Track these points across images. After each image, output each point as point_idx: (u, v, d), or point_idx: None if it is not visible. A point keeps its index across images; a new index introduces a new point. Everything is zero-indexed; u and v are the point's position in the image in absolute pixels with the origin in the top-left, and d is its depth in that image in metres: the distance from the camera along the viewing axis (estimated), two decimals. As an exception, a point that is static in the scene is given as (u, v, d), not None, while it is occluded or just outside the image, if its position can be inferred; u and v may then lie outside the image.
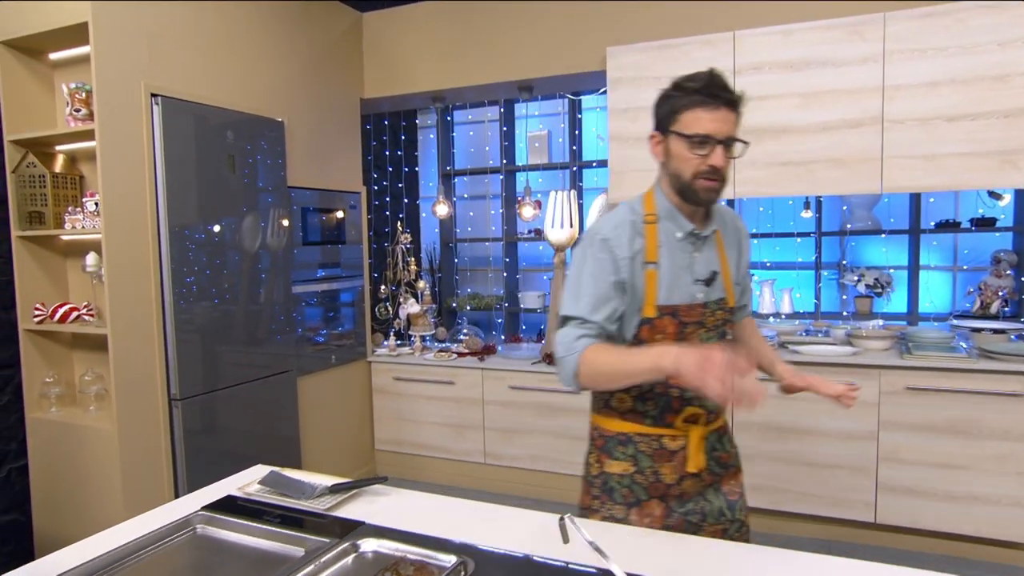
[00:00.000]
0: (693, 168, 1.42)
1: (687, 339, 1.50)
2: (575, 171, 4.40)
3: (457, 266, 4.93)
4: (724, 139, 1.39)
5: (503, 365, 3.75)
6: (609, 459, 1.55)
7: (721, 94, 1.39)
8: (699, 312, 1.51)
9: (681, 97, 1.41)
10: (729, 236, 1.60)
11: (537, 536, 1.31)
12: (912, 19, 2.90)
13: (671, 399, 1.50)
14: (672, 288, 1.49)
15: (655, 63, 3.27)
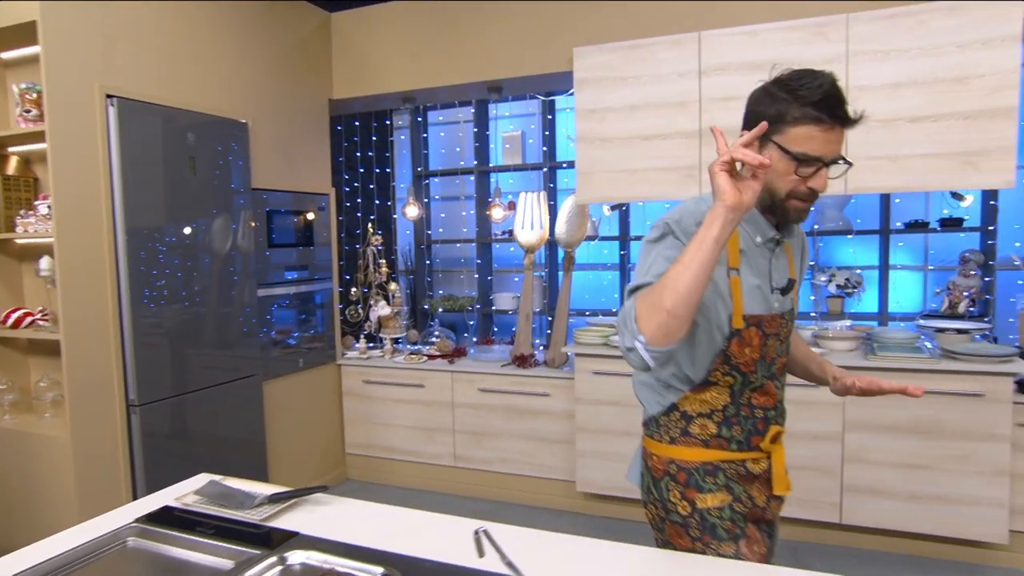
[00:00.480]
0: (790, 187, 1.28)
1: (768, 354, 1.39)
2: (548, 172, 4.38)
3: (431, 267, 4.89)
4: (832, 160, 1.26)
5: (473, 367, 3.72)
6: (699, 493, 1.38)
7: (840, 112, 1.23)
8: (778, 323, 1.39)
9: (793, 105, 1.24)
10: (795, 242, 1.49)
11: (473, 546, 1.29)
12: (875, 20, 2.90)
13: (756, 421, 1.40)
14: (753, 297, 1.36)
15: (622, 63, 3.26)
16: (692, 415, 1.40)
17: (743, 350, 1.35)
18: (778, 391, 1.44)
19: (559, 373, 3.52)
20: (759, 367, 1.38)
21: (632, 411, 3.28)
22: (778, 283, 1.39)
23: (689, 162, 3.19)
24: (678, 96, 3.18)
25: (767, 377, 1.40)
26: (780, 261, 1.41)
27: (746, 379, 1.38)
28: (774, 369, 1.42)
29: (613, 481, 3.35)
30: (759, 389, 1.40)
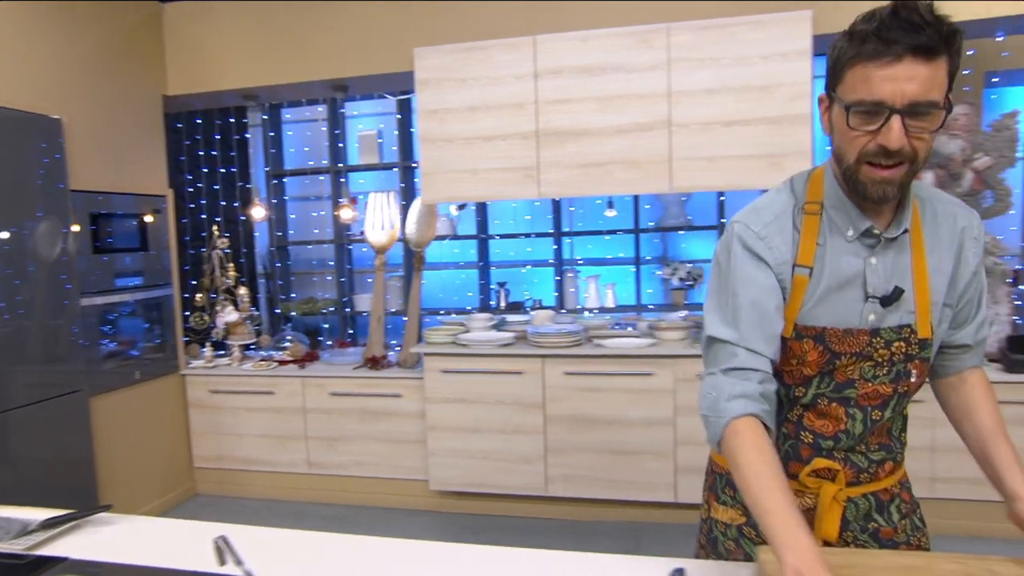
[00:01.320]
0: (858, 148, 1.01)
1: (839, 372, 1.13)
2: (404, 171, 4.36)
3: (289, 270, 4.74)
4: (905, 107, 0.95)
5: (324, 372, 3.64)
6: (716, 502, 1.27)
7: (903, 37, 0.93)
8: (863, 340, 1.11)
9: (849, 45, 0.99)
10: (942, 234, 1.14)
11: (246, 556, 1.26)
12: (692, 31, 3.10)
13: (801, 445, 1.18)
14: (826, 303, 1.11)
15: (461, 65, 3.30)
16: None
17: (790, 361, 1.14)
18: (851, 420, 1.14)
19: (411, 373, 3.52)
20: (814, 384, 1.15)
21: (480, 407, 3.34)
22: (877, 290, 1.10)
23: (528, 162, 3.28)
24: (516, 98, 3.26)
25: (832, 400, 1.14)
26: (887, 260, 1.11)
27: (790, 392, 1.17)
28: (851, 394, 1.13)
29: (466, 478, 3.39)
30: (814, 409, 1.16)
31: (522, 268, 4.47)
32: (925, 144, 0.99)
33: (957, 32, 0.96)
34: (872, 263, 1.11)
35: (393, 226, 3.74)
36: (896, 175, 1.01)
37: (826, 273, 1.11)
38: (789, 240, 1.13)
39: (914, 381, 1.15)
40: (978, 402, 1.17)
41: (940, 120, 0.98)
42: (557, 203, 4.28)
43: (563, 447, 3.26)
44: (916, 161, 1.00)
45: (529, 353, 3.26)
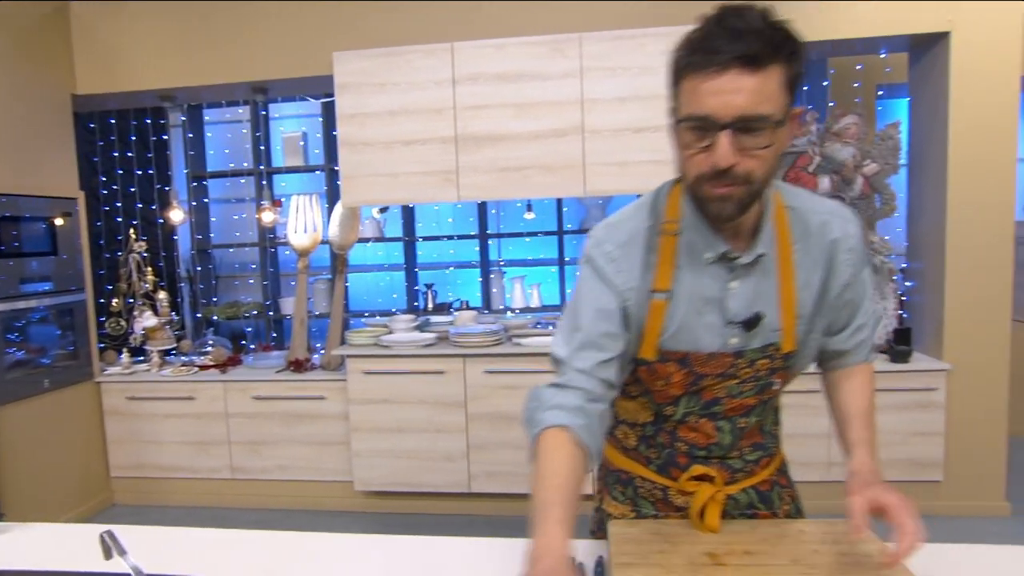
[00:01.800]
0: (695, 168, 0.96)
1: (705, 391, 1.13)
2: (331, 173, 4.36)
3: (215, 273, 4.67)
4: (732, 121, 0.90)
5: (246, 376, 3.62)
6: (608, 496, 1.30)
7: (726, 46, 0.87)
8: (727, 362, 1.10)
9: (681, 55, 0.95)
10: (812, 248, 1.10)
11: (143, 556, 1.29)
12: (603, 41, 3.23)
13: (676, 452, 1.19)
14: (686, 327, 1.09)
15: (379, 70, 3.34)
16: (618, 418, 1.26)
17: (656, 382, 1.13)
18: (720, 433, 1.16)
19: (334, 375, 3.54)
20: (683, 403, 1.15)
21: (403, 408, 3.39)
22: (737, 315, 1.08)
23: (447, 166, 3.35)
24: (435, 103, 3.33)
25: (701, 416, 1.15)
26: (749, 284, 1.08)
27: (660, 409, 1.18)
28: (717, 409, 1.14)
29: (390, 477, 3.44)
30: (685, 424, 1.17)
31: (448, 268, 4.54)
32: (761, 163, 0.93)
33: (791, 38, 0.91)
34: (732, 287, 1.07)
35: (316, 229, 3.75)
36: (734, 192, 0.95)
37: (685, 297, 1.08)
38: (639, 264, 1.09)
39: (777, 388, 1.17)
40: (846, 385, 1.20)
41: (774, 137, 0.92)
42: (483, 206, 4.37)
43: (485, 444, 3.35)
44: (752, 182, 0.94)
45: (450, 353, 3.33)
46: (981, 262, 3.19)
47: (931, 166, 3.34)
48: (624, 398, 1.22)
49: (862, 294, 1.18)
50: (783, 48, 0.90)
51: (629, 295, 1.09)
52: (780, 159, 0.99)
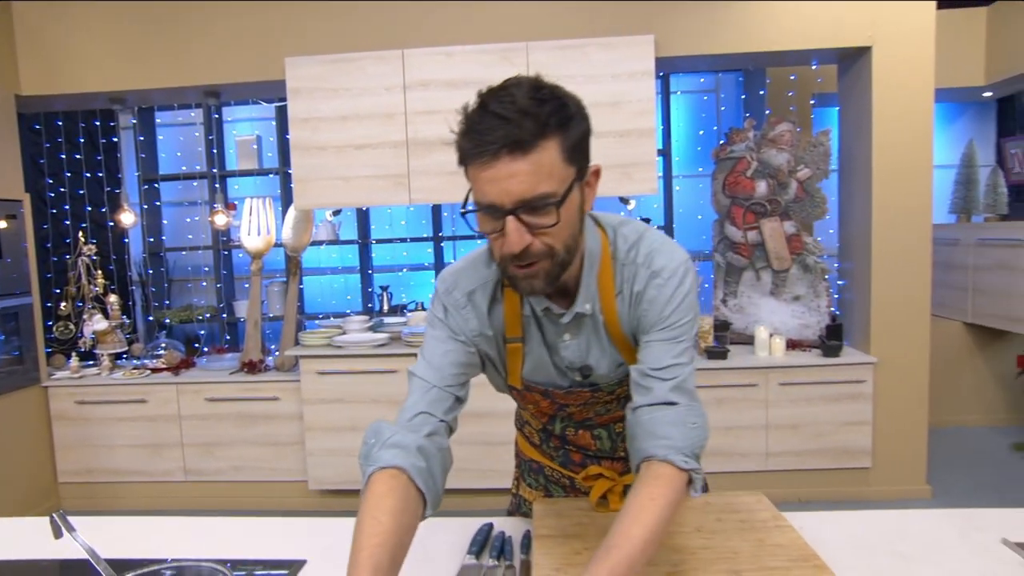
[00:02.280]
0: (498, 251, 0.95)
1: (573, 415, 1.20)
2: (286, 176, 4.38)
3: (167, 277, 4.64)
4: (516, 205, 0.88)
5: (199, 378, 3.63)
6: (523, 483, 1.39)
7: (488, 133, 0.86)
8: (585, 395, 1.15)
9: (459, 140, 0.92)
10: (625, 302, 1.08)
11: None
12: (549, 50, 3.35)
13: (570, 452, 1.27)
14: (541, 367, 1.14)
15: (332, 75, 3.40)
16: (523, 418, 1.35)
17: (527, 405, 1.20)
18: (598, 440, 1.24)
19: (287, 376, 3.57)
20: (558, 422, 1.23)
21: (357, 407, 3.45)
22: (572, 364, 1.12)
23: (399, 170, 3.42)
24: (386, 108, 3.40)
25: (579, 429, 1.23)
26: (584, 336, 1.10)
27: (544, 426, 1.25)
28: (591, 423, 1.22)
29: (344, 475, 3.49)
30: (564, 438, 1.26)
31: (400, 271, 4.61)
32: (557, 235, 0.91)
33: (561, 108, 0.89)
34: (565, 339, 1.09)
35: (269, 231, 3.78)
36: (538, 269, 0.94)
37: (535, 343, 1.11)
38: (485, 312, 1.10)
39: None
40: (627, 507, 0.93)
41: (564, 209, 0.89)
42: (436, 209, 4.45)
43: (437, 441, 3.42)
44: (554, 255, 0.93)
45: (403, 352, 3.41)
46: (903, 262, 3.40)
47: (858, 172, 3.55)
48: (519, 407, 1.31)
49: (684, 330, 1.05)
50: (552, 123, 0.87)
51: (478, 340, 1.10)
52: (580, 225, 0.98)
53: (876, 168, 3.37)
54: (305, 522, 1.42)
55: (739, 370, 3.39)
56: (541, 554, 1.12)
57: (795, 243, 3.72)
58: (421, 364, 1.11)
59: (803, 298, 3.72)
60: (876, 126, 3.35)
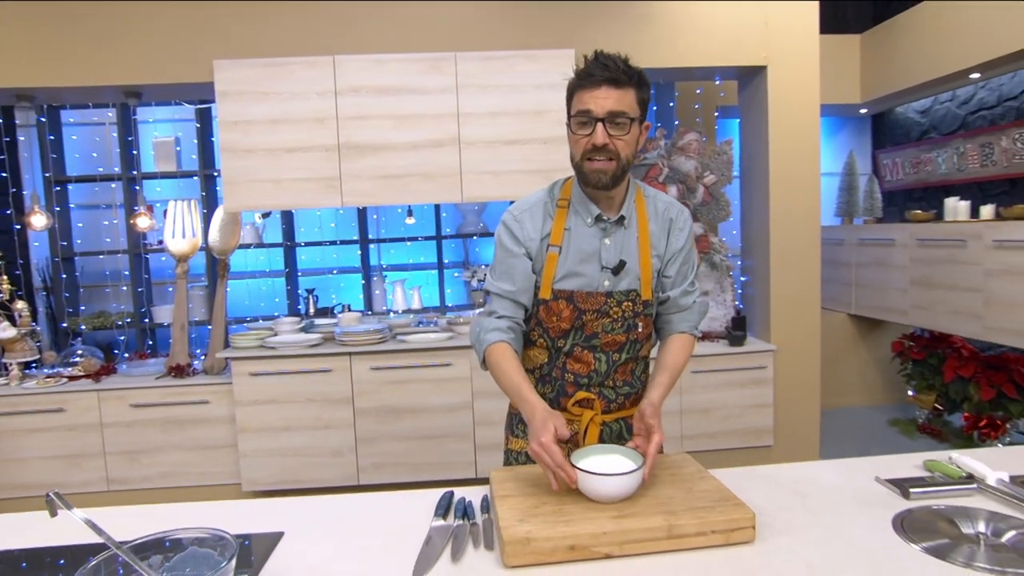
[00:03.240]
0: (580, 148, 1.42)
1: (586, 326, 1.51)
2: (206, 179, 4.32)
3: (75, 282, 4.46)
4: (604, 116, 1.37)
5: (123, 384, 3.54)
6: (512, 436, 1.67)
7: (599, 72, 1.37)
8: (600, 300, 1.50)
9: (573, 81, 1.44)
10: (659, 223, 1.56)
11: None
12: (476, 60, 3.52)
13: (566, 384, 1.56)
14: (573, 273, 1.50)
15: (262, 79, 3.43)
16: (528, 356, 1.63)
17: (551, 318, 1.52)
18: (598, 362, 1.54)
19: (218, 379, 3.55)
20: (571, 336, 1.53)
21: (290, 407, 3.48)
22: (608, 261, 1.50)
23: (330, 173, 3.49)
24: (317, 113, 3.47)
25: (584, 348, 1.53)
26: (617, 241, 1.51)
27: (555, 343, 1.55)
28: (597, 343, 1.53)
29: (279, 476, 3.51)
30: (572, 356, 1.55)
31: (331, 273, 4.64)
32: (625, 145, 1.40)
33: (638, 73, 1.41)
34: (606, 243, 1.51)
35: (195, 234, 3.74)
36: (607, 167, 1.41)
37: (572, 250, 1.50)
38: (539, 224, 1.52)
39: (641, 331, 1.55)
40: (668, 348, 1.59)
41: (631, 130, 1.40)
42: (363, 212, 4.52)
43: (372, 437, 3.51)
44: (619, 158, 1.40)
45: (337, 352, 3.47)
46: (797, 260, 3.79)
47: (757, 178, 3.91)
48: (528, 348, 1.61)
49: (690, 267, 1.63)
50: (634, 79, 1.40)
51: (530, 244, 1.52)
52: (636, 148, 1.46)
53: (773, 175, 3.74)
54: (267, 502, 1.51)
55: (656, 360, 3.67)
56: (505, 509, 1.28)
57: (703, 243, 4.05)
58: (498, 279, 1.56)
59: (711, 293, 4.05)
60: (772, 137, 3.72)
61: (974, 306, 3.75)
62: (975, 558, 1.11)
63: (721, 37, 3.67)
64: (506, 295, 1.54)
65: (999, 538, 1.18)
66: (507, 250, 1.53)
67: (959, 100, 4.70)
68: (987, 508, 1.29)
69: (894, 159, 5.26)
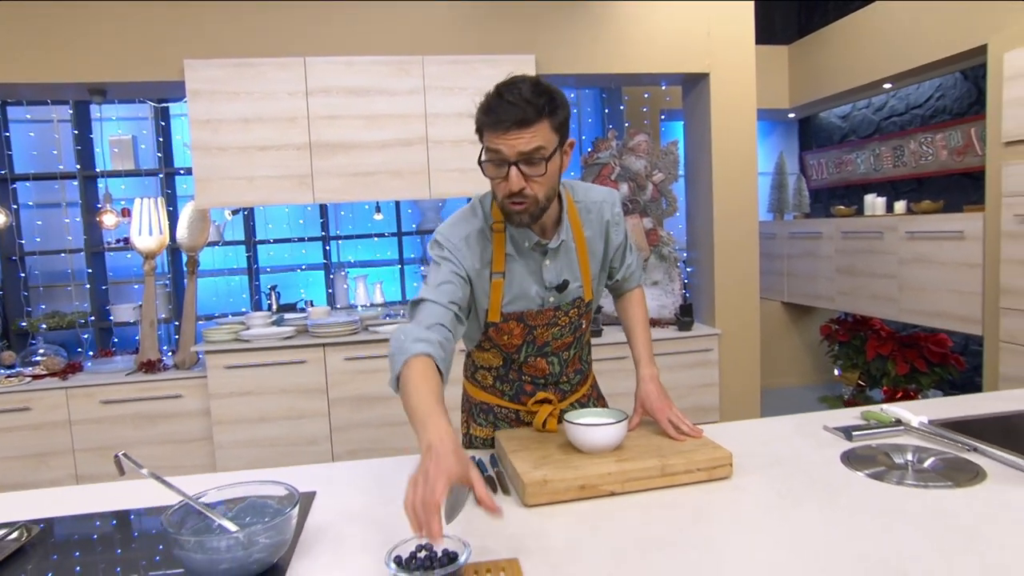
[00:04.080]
0: (499, 192, 1.36)
1: (537, 338, 1.58)
2: (165, 178, 4.33)
3: (29, 282, 4.38)
4: (517, 159, 1.29)
5: (92, 381, 3.55)
6: (474, 423, 1.73)
7: (506, 116, 1.26)
8: (549, 315, 1.55)
9: (479, 116, 1.33)
10: (593, 226, 1.58)
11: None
12: (442, 63, 3.70)
13: (524, 384, 1.65)
14: (519, 295, 1.51)
15: (233, 79, 3.51)
16: (477, 365, 1.70)
17: (502, 336, 1.55)
18: (551, 366, 1.64)
19: (190, 374, 3.61)
20: (524, 349, 1.59)
21: (265, 398, 3.57)
22: (551, 282, 1.53)
23: (302, 171, 3.60)
24: (289, 112, 3.57)
25: (537, 356, 1.61)
26: (558, 262, 1.53)
27: (509, 355, 1.61)
28: (548, 350, 1.61)
29: (254, 465, 3.59)
30: (526, 363, 1.62)
31: (299, 269, 4.71)
32: (541, 186, 1.34)
33: (552, 99, 1.30)
34: (547, 264, 1.53)
35: (162, 232, 3.77)
36: (526, 208, 1.36)
37: (516, 276, 1.50)
38: (478, 253, 1.46)
39: (584, 326, 1.66)
40: (628, 307, 1.76)
41: (548, 166, 1.31)
42: (324, 209, 4.62)
43: (347, 425, 3.64)
44: (537, 200, 1.35)
45: (311, 343, 3.58)
46: (737, 252, 4.14)
47: (701, 176, 4.24)
48: (479, 351, 1.66)
49: (626, 245, 1.71)
50: (546, 109, 1.29)
51: (473, 275, 1.47)
52: (558, 178, 1.42)
53: (715, 174, 4.07)
54: (284, 470, 1.65)
55: (611, 345, 3.93)
56: (518, 461, 1.48)
57: (652, 236, 4.35)
58: (429, 291, 1.41)
59: (660, 283, 4.36)
60: (714, 139, 4.05)
61: (890, 291, 4.20)
62: (905, 479, 1.39)
63: (668, 46, 3.97)
64: (444, 304, 1.38)
65: (922, 464, 1.47)
66: (444, 274, 1.43)
67: (874, 107, 5.18)
68: (912, 444, 1.58)
69: (819, 160, 5.73)
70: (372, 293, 4.59)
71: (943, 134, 4.41)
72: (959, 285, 3.73)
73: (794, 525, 1.21)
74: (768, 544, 1.15)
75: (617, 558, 1.12)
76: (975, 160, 4.16)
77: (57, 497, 1.55)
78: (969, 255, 3.66)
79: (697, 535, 1.19)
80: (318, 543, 1.24)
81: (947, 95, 4.51)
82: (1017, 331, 3.38)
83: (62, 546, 1.33)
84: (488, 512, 1.06)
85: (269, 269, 4.67)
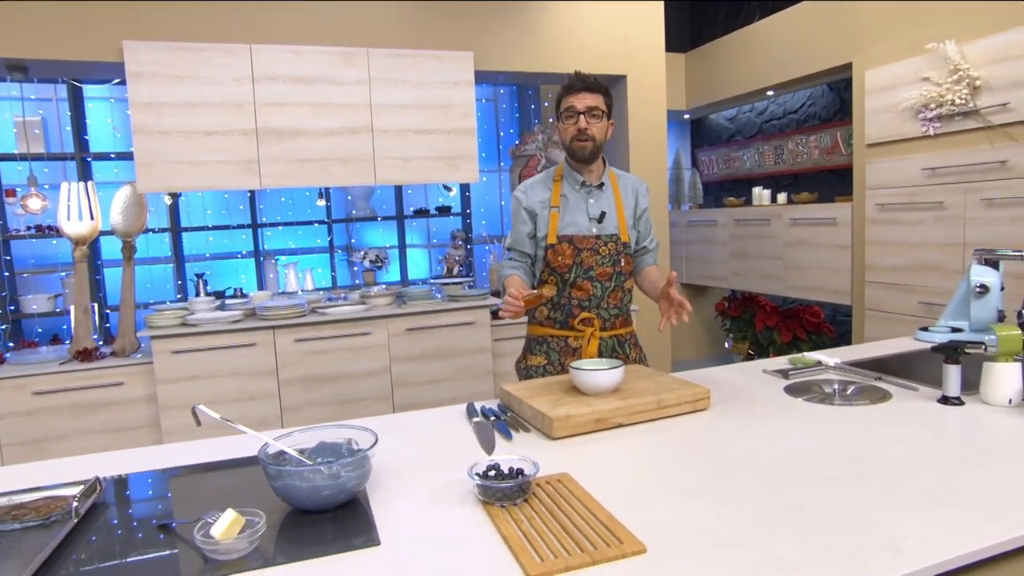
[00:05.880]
0: (569, 135, 2.07)
1: (583, 262, 2.10)
2: (83, 161, 4.17)
3: (-81, 272, 4.05)
4: (584, 110, 2.02)
5: (21, 372, 3.41)
6: (530, 354, 2.24)
7: (578, 83, 2.03)
8: (592, 241, 2.10)
9: (561, 91, 2.08)
10: (627, 188, 2.22)
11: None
12: (387, 56, 3.86)
13: (572, 307, 2.15)
14: (570, 222, 2.11)
15: (176, 62, 3.49)
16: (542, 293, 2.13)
17: (556, 257, 2.11)
18: (595, 288, 2.13)
19: (130, 360, 3.55)
20: (573, 270, 2.12)
21: (214, 381, 3.60)
22: (593, 214, 2.13)
23: (249, 156, 3.65)
24: (235, 98, 3.60)
25: (583, 278, 2.12)
26: (600, 200, 2.14)
27: (562, 277, 2.14)
28: (592, 274, 2.12)
29: (202, 451, 3.60)
30: (575, 285, 2.13)
31: (238, 256, 4.67)
32: (598, 131, 2.07)
33: (604, 86, 2.09)
34: (591, 202, 2.15)
35: (93, 216, 3.66)
36: (587, 145, 2.07)
37: (567, 208, 2.14)
38: (539, 193, 2.17)
39: (623, 265, 2.17)
40: (647, 271, 2.29)
41: (602, 120, 2.07)
42: (252, 197, 4.61)
43: (297, 405, 3.73)
44: (595, 140, 2.06)
45: (259, 326, 3.64)
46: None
47: (619, 168, 4.67)
48: (540, 285, 2.19)
49: (650, 225, 2.33)
50: (601, 89, 2.09)
51: (535, 206, 2.17)
52: (606, 136, 2.11)
53: (632, 167, 4.52)
54: (303, 428, 1.85)
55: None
56: (537, 403, 1.77)
57: (575, 224, 4.73)
58: (511, 241, 2.23)
59: (583, 267, 4.77)
60: (631, 136, 4.49)
61: (777, 270, 4.85)
62: (835, 400, 1.82)
63: (591, 49, 4.35)
64: (516, 248, 2.23)
65: (846, 391, 1.92)
66: (517, 218, 2.22)
67: (757, 111, 5.88)
68: (835, 378, 2.03)
69: (710, 156, 6.39)
70: (303, 280, 4.65)
71: (815, 136, 5.13)
72: (833, 263, 4.41)
73: (765, 435, 1.59)
74: (748, 449, 1.51)
75: (640, 469, 1.44)
76: (841, 159, 4.89)
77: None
78: (840, 238, 4.35)
79: (692, 449, 1.54)
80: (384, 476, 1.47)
81: (816, 103, 5.24)
82: (879, 300, 4.08)
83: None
84: (511, 304, 1.88)
85: (208, 256, 4.60)
